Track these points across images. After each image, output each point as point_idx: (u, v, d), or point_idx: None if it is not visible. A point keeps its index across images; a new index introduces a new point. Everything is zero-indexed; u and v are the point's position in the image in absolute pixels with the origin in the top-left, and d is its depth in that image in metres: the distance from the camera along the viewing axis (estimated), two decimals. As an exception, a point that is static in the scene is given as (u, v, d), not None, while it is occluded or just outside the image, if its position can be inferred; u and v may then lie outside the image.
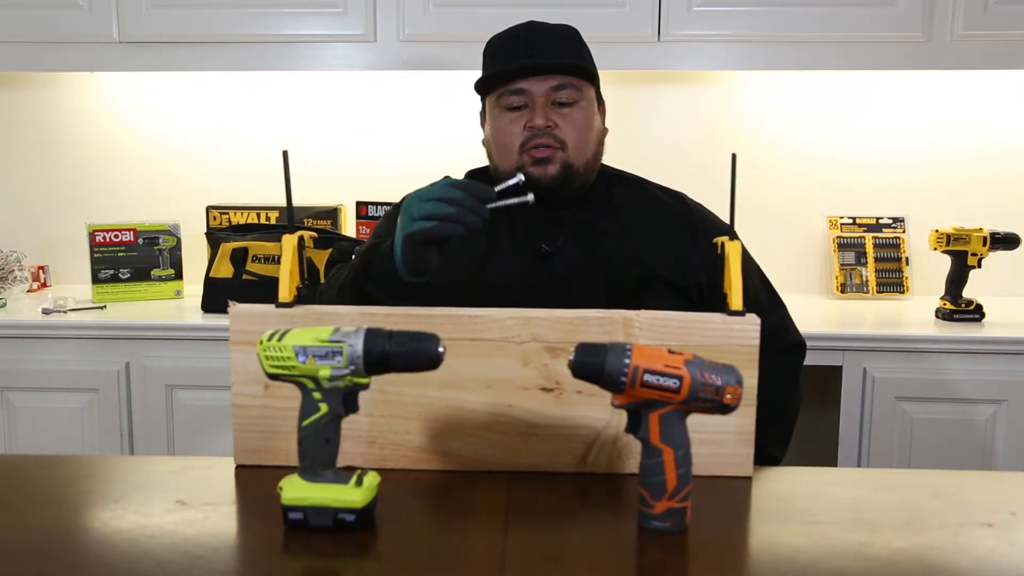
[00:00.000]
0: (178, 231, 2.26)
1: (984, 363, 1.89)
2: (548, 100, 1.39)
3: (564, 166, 1.39)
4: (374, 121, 2.36)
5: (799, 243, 2.36)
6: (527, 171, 1.39)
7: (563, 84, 1.39)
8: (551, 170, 1.38)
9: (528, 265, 1.41)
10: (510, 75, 1.38)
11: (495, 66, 1.41)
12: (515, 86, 1.39)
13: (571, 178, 1.40)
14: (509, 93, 1.39)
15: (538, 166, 1.38)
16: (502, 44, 1.43)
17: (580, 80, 1.40)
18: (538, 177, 1.38)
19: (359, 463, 1.12)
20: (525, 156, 1.39)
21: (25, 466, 1.17)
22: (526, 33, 1.42)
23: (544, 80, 1.38)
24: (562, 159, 1.39)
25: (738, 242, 1.12)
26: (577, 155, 1.40)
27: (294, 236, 1.14)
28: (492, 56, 1.43)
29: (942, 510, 1.03)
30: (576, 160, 1.40)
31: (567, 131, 1.39)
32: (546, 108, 1.38)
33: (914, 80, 2.29)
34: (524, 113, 1.39)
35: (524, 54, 1.39)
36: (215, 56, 2.09)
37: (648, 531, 0.94)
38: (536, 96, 1.38)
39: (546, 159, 1.38)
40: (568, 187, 1.41)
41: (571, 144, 1.39)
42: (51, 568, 0.87)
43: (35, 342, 1.99)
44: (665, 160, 2.32)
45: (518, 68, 1.38)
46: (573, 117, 1.40)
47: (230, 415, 1.14)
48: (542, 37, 1.41)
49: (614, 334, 1.10)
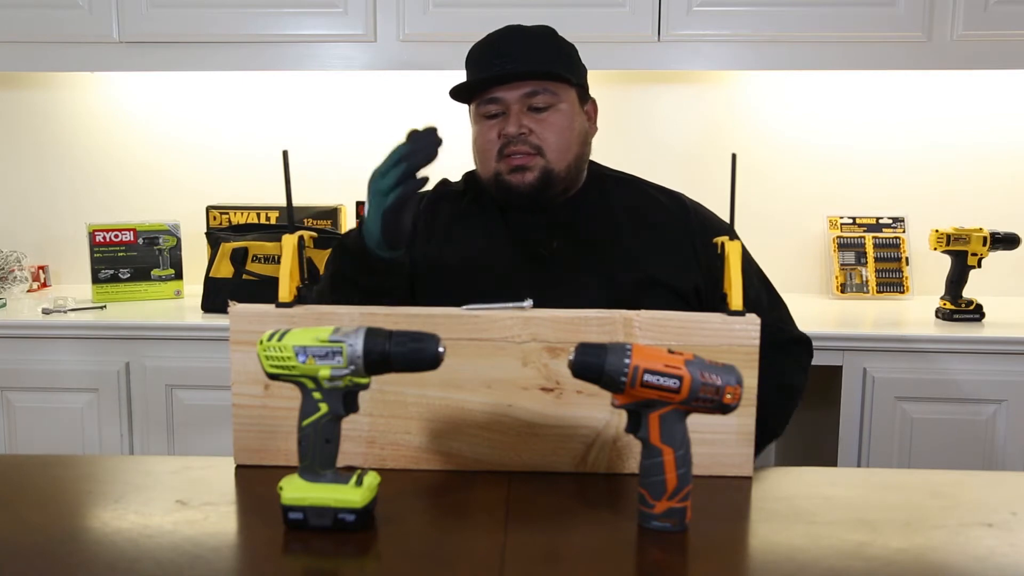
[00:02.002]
0: (178, 231, 2.26)
1: (984, 363, 1.89)
2: (523, 107, 1.39)
3: (543, 172, 1.39)
4: (374, 121, 2.36)
5: (799, 243, 2.36)
6: (504, 179, 1.40)
7: (536, 90, 1.39)
8: (528, 177, 1.39)
9: (524, 268, 1.41)
10: (483, 84, 1.39)
11: (471, 75, 1.42)
12: (489, 95, 1.40)
13: (551, 183, 1.40)
14: (485, 102, 1.40)
15: (515, 174, 1.39)
16: (478, 52, 1.44)
17: (556, 84, 1.40)
18: (515, 184, 1.39)
19: (359, 463, 1.12)
20: (502, 164, 1.40)
21: (25, 466, 1.17)
22: (500, 40, 1.42)
23: (517, 88, 1.38)
24: (540, 165, 1.39)
25: (738, 242, 1.11)
26: (557, 159, 1.40)
27: (294, 236, 1.14)
28: (469, 65, 1.45)
29: (942, 510, 1.03)
30: (556, 164, 1.40)
31: (544, 136, 1.39)
32: (520, 115, 1.39)
33: (914, 80, 2.29)
34: (500, 120, 1.40)
35: (497, 62, 1.39)
36: (215, 56, 2.09)
37: (648, 531, 0.94)
38: (511, 104, 1.39)
39: (523, 167, 1.39)
40: (549, 192, 1.41)
41: (548, 149, 1.39)
42: (51, 568, 0.87)
43: (35, 342, 1.99)
44: (665, 160, 2.32)
45: (489, 78, 1.38)
46: (549, 121, 1.39)
47: (230, 415, 1.14)
48: (515, 43, 1.41)
49: (614, 334, 1.10)
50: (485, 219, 1.46)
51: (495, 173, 1.41)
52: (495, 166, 1.40)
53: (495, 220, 1.45)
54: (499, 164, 1.40)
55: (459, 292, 1.30)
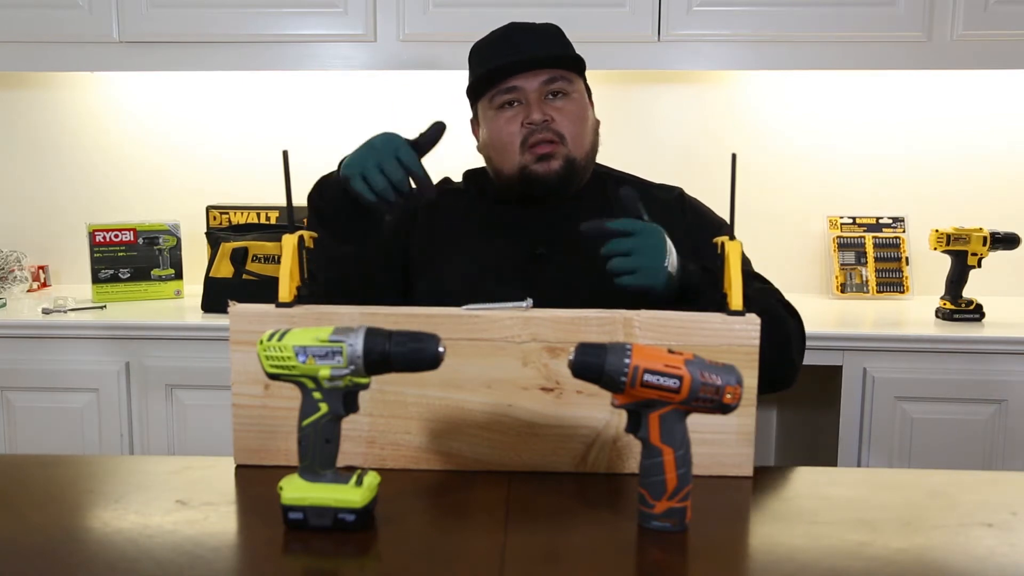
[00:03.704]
0: (178, 231, 2.26)
1: (984, 363, 1.89)
2: (541, 94, 1.39)
3: (567, 160, 1.39)
4: (374, 121, 2.36)
5: (799, 243, 2.36)
6: (530, 170, 1.39)
7: (554, 77, 1.39)
8: (555, 165, 1.38)
9: (522, 267, 1.41)
10: (502, 73, 1.38)
11: (483, 68, 1.41)
12: (507, 84, 1.39)
13: (574, 171, 1.40)
14: (501, 93, 1.40)
15: (542, 163, 1.38)
16: (487, 47, 1.44)
17: (569, 72, 1.41)
18: (543, 174, 1.38)
19: (359, 463, 1.12)
20: (527, 155, 1.39)
21: (26, 466, 1.17)
22: (510, 33, 1.43)
23: (535, 75, 1.38)
24: (564, 153, 1.39)
25: (738, 242, 1.12)
26: (576, 147, 1.40)
27: (294, 236, 1.14)
28: (479, 60, 1.44)
29: (942, 510, 1.03)
30: (576, 152, 1.40)
31: (564, 124, 1.39)
32: (540, 102, 1.38)
33: (914, 80, 2.29)
34: (519, 110, 1.39)
35: (512, 52, 1.39)
36: (215, 56, 2.09)
37: (648, 531, 0.94)
38: (529, 92, 1.38)
39: (549, 155, 1.38)
40: (572, 181, 1.41)
41: (569, 136, 1.39)
42: (51, 568, 0.87)
43: (35, 342, 1.99)
44: (665, 160, 2.32)
45: (509, 65, 1.38)
46: (568, 109, 1.40)
47: (230, 415, 1.14)
48: (526, 35, 1.42)
49: (614, 334, 1.10)
50: (487, 217, 1.46)
51: (520, 167, 1.39)
52: (520, 159, 1.39)
53: (497, 218, 1.45)
54: (524, 156, 1.39)
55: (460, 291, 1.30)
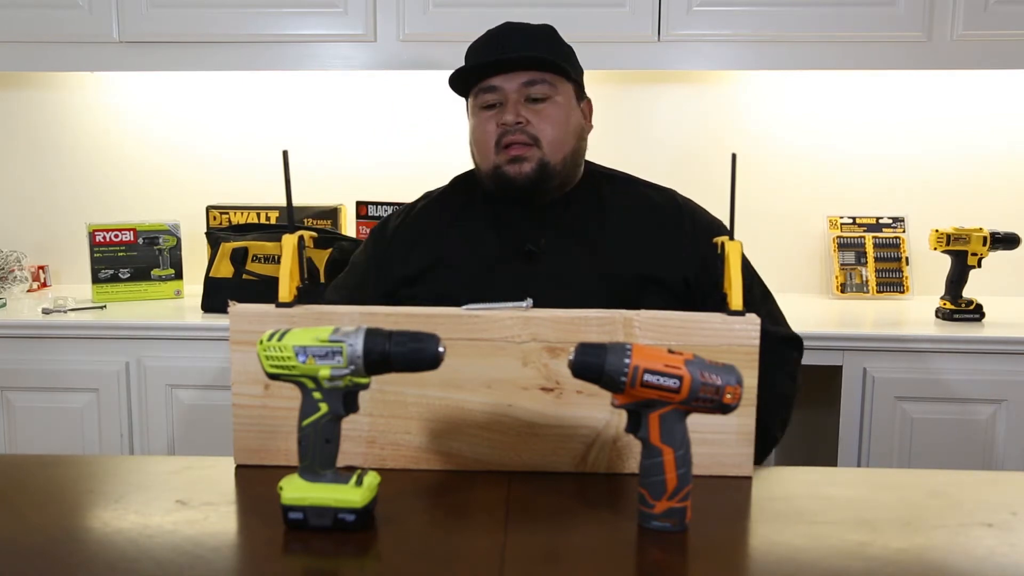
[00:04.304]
0: (178, 231, 2.25)
1: (984, 363, 1.89)
2: (520, 96, 1.39)
3: (539, 164, 1.39)
4: (374, 121, 2.36)
5: (799, 243, 2.36)
6: (502, 170, 1.39)
7: (534, 80, 1.39)
8: (526, 168, 1.39)
9: (514, 266, 1.41)
10: (479, 70, 1.39)
11: (467, 65, 1.42)
12: (487, 84, 1.40)
13: (547, 176, 1.40)
14: (483, 91, 1.40)
15: (513, 164, 1.39)
16: (478, 45, 1.44)
17: (554, 76, 1.40)
18: (513, 176, 1.39)
19: (359, 463, 1.12)
20: (501, 155, 1.39)
21: (26, 466, 1.17)
22: (500, 34, 1.43)
23: (515, 76, 1.39)
24: (537, 157, 1.39)
25: (738, 242, 1.12)
26: (553, 152, 1.40)
27: (294, 236, 1.14)
28: (469, 58, 1.45)
29: (942, 510, 1.03)
30: (552, 157, 1.40)
31: (540, 127, 1.39)
32: (517, 104, 1.39)
33: (914, 80, 2.29)
34: (498, 111, 1.40)
35: (496, 51, 1.40)
36: (215, 56, 2.09)
37: (648, 531, 0.94)
38: (508, 92, 1.39)
39: (520, 157, 1.38)
40: (545, 185, 1.41)
41: (545, 140, 1.39)
42: (51, 568, 0.87)
43: (35, 342, 1.99)
44: (665, 160, 2.32)
45: (488, 63, 1.38)
46: (546, 113, 1.40)
47: (230, 415, 1.14)
48: (515, 35, 1.42)
49: (614, 334, 1.10)
50: (476, 217, 1.46)
51: (494, 166, 1.40)
52: (494, 159, 1.40)
53: (486, 218, 1.45)
54: (497, 157, 1.40)
55: (453, 291, 1.30)
